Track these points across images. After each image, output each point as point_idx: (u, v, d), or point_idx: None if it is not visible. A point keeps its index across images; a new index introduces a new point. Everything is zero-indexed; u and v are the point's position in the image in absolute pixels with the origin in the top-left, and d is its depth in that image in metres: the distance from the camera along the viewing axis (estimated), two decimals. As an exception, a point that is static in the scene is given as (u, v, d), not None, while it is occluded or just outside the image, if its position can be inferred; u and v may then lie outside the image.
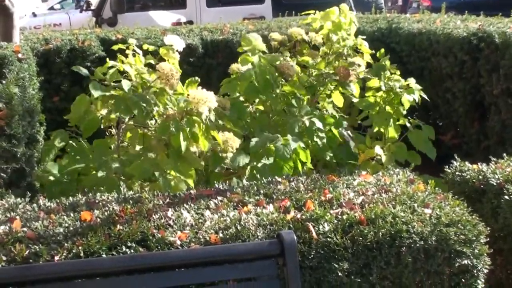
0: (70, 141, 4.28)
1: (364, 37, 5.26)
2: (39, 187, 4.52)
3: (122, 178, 3.87)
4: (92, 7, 12.47)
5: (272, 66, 4.75)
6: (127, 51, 4.22)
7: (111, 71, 4.14)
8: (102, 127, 4.34)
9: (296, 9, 9.59)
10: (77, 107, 4.14)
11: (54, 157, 4.36)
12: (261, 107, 5.02)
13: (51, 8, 18.42)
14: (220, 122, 4.36)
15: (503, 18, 6.28)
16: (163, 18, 11.07)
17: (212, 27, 7.33)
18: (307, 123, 4.48)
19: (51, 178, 4.10)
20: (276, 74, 4.77)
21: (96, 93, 3.93)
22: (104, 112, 4.21)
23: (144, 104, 3.95)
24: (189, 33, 6.98)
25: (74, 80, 6.26)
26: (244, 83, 4.68)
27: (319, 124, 4.50)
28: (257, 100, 4.98)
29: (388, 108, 4.93)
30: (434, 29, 6.25)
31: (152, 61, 4.23)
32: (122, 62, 4.18)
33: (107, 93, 4.02)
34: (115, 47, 4.34)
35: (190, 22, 10.68)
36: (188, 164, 3.92)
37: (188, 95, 4.03)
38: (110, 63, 4.15)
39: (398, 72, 5.05)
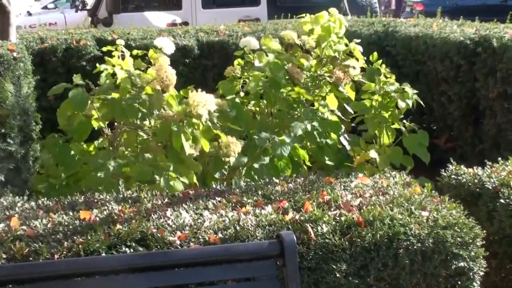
0: (62, 143, 4.30)
1: (359, 40, 5.27)
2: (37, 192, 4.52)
3: (120, 180, 3.87)
4: (88, 7, 12.46)
5: (284, 68, 4.80)
6: (113, 53, 4.22)
7: (103, 74, 4.16)
8: (96, 128, 4.36)
9: (291, 11, 9.60)
10: (63, 112, 4.16)
11: (50, 160, 4.37)
12: (257, 108, 5.03)
13: (45, 7, 18.37)
14: (218, 123, 4.38)
15: (498, 24, 6.31)
16: (159, 19, 11.06)
17: (208, 28, 7.34)
18: (309, 127, 4.50)
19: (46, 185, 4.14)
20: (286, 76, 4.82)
21: (75, 100, 3.98)
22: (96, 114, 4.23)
23: (140, 107, 3.96)
24: (185, 34, 6.99)
25: (69, 79, 6.21)
26: (256, 77, 4.72)
27: (320, 128, 4.53)
28: (252, 102, 5.00)
29: (383, 112, 4.94)
30: (431, 33, 6.28)
31: (142, 65, 4.24)
32: (113, 65, 4.19)
33: (103, 96, 4.05)
34: (104, 49, 4.36)
35: (185, 23, 10.67)
36: (187, 167, 3.92)
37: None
38: (101, 67, 4.16)
39: (393, 77, 5.07)
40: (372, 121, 4.86)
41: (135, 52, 4.38)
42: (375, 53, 5.19)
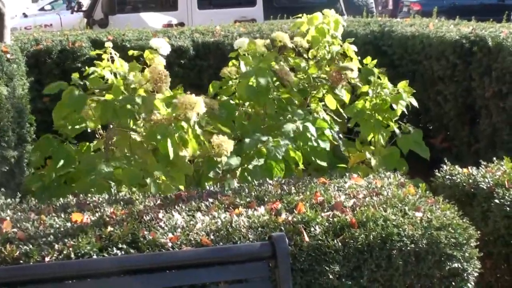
0: (57, 143, 4.29)
1: (353, 39, 5.26)
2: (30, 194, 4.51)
3: (112, 183, 3.86)
4: (84, 8, 12.43)
5: (271, 70, 4.76)
6: (103, 55, 4.21)
7: (91, 77, 4.15)
8: (88, 130, 4.36)
9: (287, 12, 9.59)
10: (59, 112, 4.15)
11: (42, 162, 4.36)
12: (252, 109, 5.02)
13: (42, 9, 18.35)
14: (210, 125, 4.36)
15: (494, 23, 6.31)
16: (154, 20, 11.03)
17: (203, 29, 7.33)
18: (300, 127, 4.48)
19: (39, 184, 4.13)
20: (274, 78, 4.79)
21: (70, 99, 3.96)
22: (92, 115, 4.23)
23: (132, 109, 3.94)
24: (180, 35, 6.97)
25: (64, 80, 6.21)
26: (243, 84, 4.69)
27: (312, 129, 4.51)
28: (247, 103, 4.99)
29: (377, 114, 4.93)
30: (427, 33, 6.28)
31: (137, 67, 4.23)
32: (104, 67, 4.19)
33: (95, 97, 4.04)
34: (93, 53, 4.35)
35: (181, 24, 10.63)
36: (178, 169, 3.90)
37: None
38: (90, 69, 4.15)
39: (386, 78, 5.06)
40: (366, 124, 4.85)
41: (130, 52, 4.37)
42: (369, 58, 5.18)
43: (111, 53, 4.22)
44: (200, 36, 7.00)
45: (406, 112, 5.00)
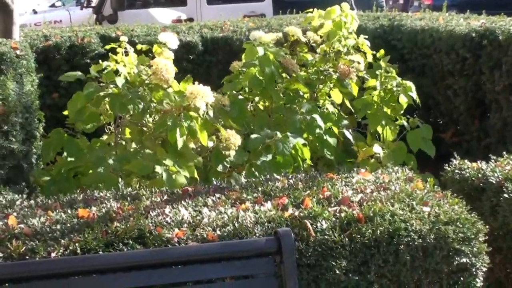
0: (67, 136, 4.30)
1: (366, 36, 5.24)
2: (38, 187, 4.52)
3: (121, 175, 3.86)
4: (93, 4, 12.45)
5: (276, 61, 4.74)
6: (118, 49, 4.21)
7: (106, 71, 4.15)
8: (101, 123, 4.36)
9: (296, 7, 9.57)
10: (73, 104, 4.16)
11: (53, 155, 4.37)
12: (261, 105, 5.01)
13: (52, 5, 18.37)
14: (220, 120, 4.36)
15: (505, 17, 6.26)
16: (163, 15, 11.05)
17: (212, 24, 7.31)
18: (308, 119, 4.47)
19: (47, 178, 4.13)
20: (280, 70, 4.77)
21: (87, 92, 3.96)
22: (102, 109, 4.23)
23: (139, 100, 3.94)
24: (189, 30, 6.96)
25: (73, 77, 6.25)
26: (248, 74, 4.67)
27: (320, 121, 4.49)
28: (257, 98, 4.97)
29: (385, 107, 4.91)
30: (437, 27, 6.23)
31: (146, 60, 4.23)
32: (117, 61, 4.18)
33: (102, 93, 4.04)
34: (107, 47, 4.36)
35: (190, 20, 10.63)
36: (186, 160, 3.91)
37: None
38: (104, 64, 4.16)
39: (394, 71, 5.03)
40: (374, 117, 4.83)
41: (139, 46, 4.37)
42: (382, 51, 5.16)
43: (125, 48, 4.23)
44: (209, 31, 6.98)
45: (415, 107, 4.97)
